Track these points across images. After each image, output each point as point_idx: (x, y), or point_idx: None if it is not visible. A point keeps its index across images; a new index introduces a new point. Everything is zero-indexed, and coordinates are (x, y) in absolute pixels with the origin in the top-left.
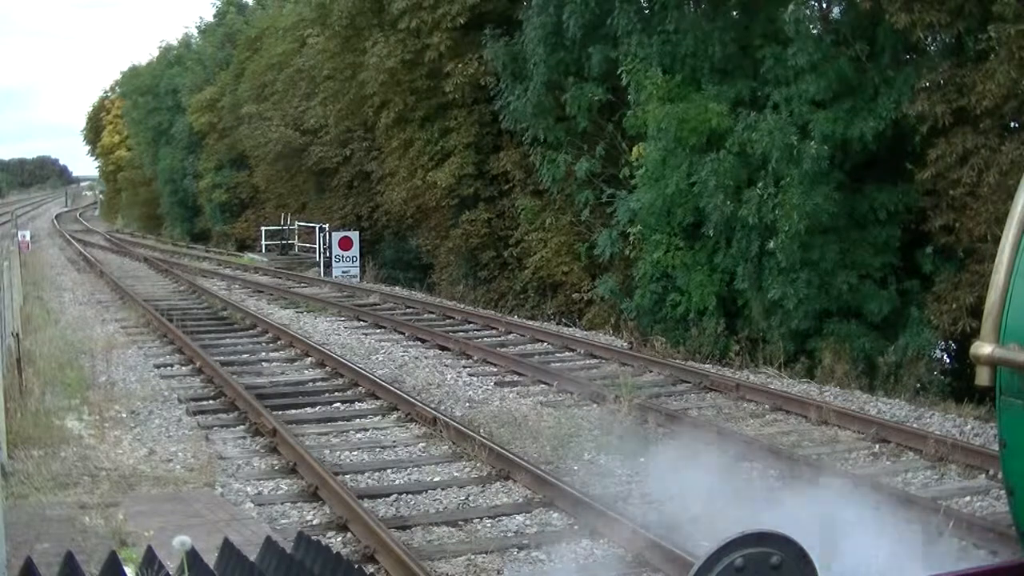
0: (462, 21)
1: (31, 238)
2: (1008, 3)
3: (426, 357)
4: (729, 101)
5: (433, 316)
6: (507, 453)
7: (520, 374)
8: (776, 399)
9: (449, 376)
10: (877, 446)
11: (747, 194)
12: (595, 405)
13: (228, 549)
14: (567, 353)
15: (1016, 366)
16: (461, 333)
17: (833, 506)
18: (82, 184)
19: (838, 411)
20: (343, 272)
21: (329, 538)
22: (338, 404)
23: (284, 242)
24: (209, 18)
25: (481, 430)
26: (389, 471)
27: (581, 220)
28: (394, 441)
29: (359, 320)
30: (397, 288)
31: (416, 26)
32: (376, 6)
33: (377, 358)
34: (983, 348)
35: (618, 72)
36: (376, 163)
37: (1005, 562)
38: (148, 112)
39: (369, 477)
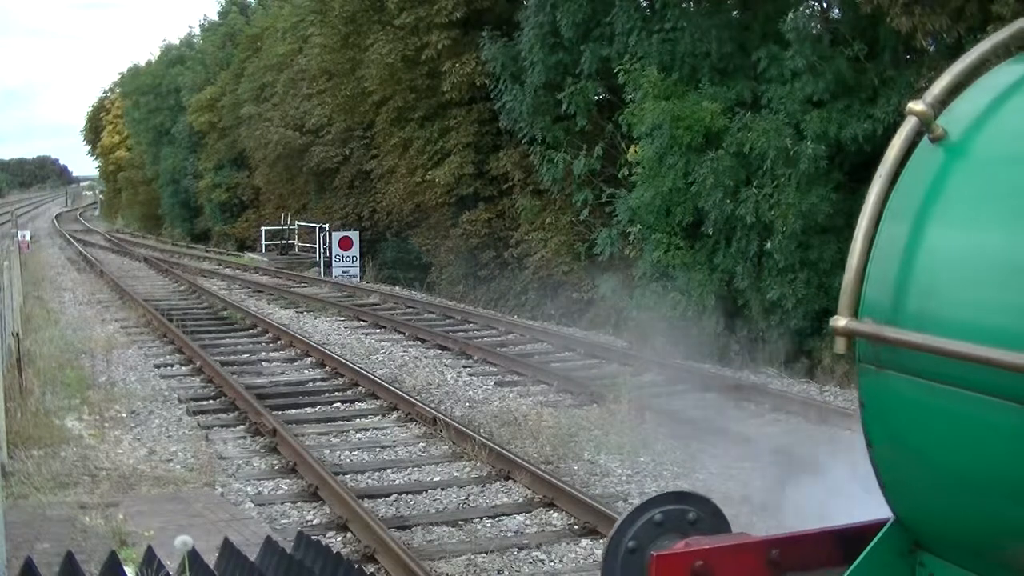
0: (459, 15)
1: (31, 238)
2: (1007, 3)
3: (426, 357)
4: (727, 100)
5: (433, 316)
6: (507, 453)
7: (520, 374)
8: (776, 399)
9: (449, 376)
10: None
11: (744, 193)
12: (595, 405)
13: (228, 549)
14: (567, 353)
15: (869, 337)
16: (461, 333)
17: None
18: (82, 184)
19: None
20: (343, 272)
21: (329, 538)
22: (338, 404)
23: (284, 242)
24: (213, 16)
25: (481, 430)
26: (389, 471)
27: (581, 220)
28: (394, 441)
29: (359, 320)
30: (397, 288)
31: (414, 22)
32: (376, 4)
33: (377, 358)
34: (840, 321)
35: (615, 71)
36: (376, 161)
37: (870, 520)
38: (149, 112)
39: (369, 477)
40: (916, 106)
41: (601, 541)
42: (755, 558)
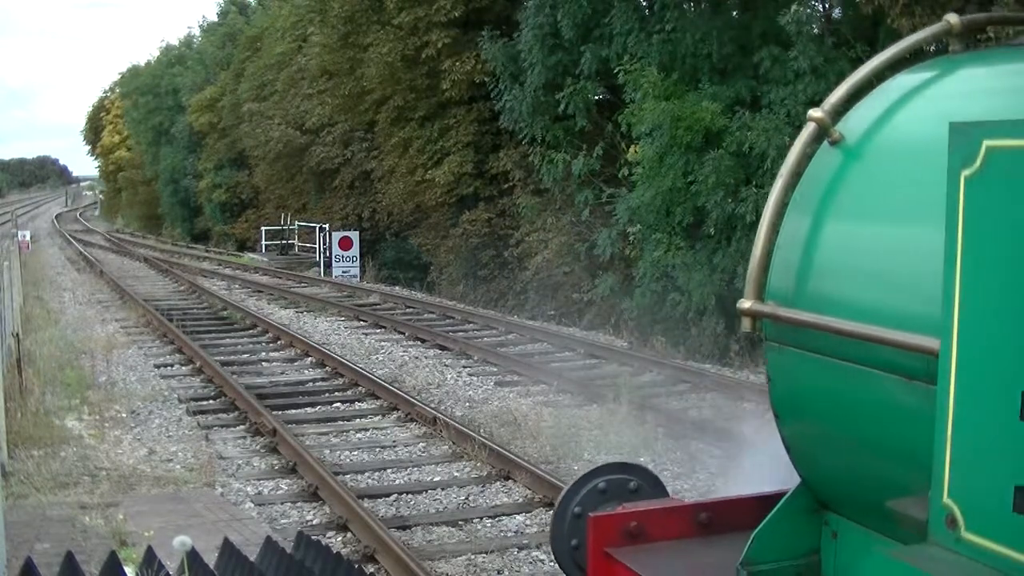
0: (456, 14)
1: (31, 238)
2: (1006, 3)
3: (426, 357)
4: (728, 101)
5: (433, 316)
6: (507, 453)
7: (520, 374)
8: None
9: (449, 376)
10: None
11: (745, 192)
12: (595, 405)
13: (228, 549)
14: (567, 353)
15: (771, 317)
16: (461, 333)
17: None
18: (82, 184)
19: None
20: (343, 272)
21: (329, 538)
22: (338, 404)
23: (284, 242)
24: (213, 17)
25: (481, 430)
26: (389, 471)
27: (581, 220)
28: (394, 441)
29: (359, 320)
30: (397, 288)
31: (413, 21)
32: (375, 3)
33: (377, 358)
34: (745, 303)
35: (615, 71)
36: (376, 162)
37: (775, 490)
38: (148, 112)
39: (369, 477)
40: (815, 113)
41: None
42: (685, 520)
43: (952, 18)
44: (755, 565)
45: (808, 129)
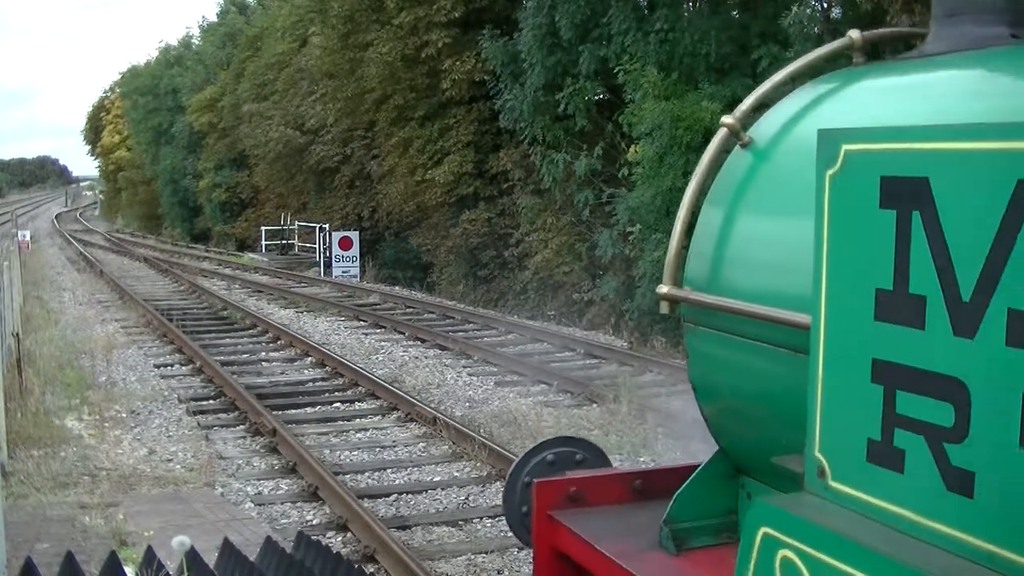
0: (456, 14)
1: (31, 238)
2: None
3: (426, 357)
4: (725, 100)
5: (433, 316)
6: (507, 453)
7: (520, 374)
8: None
9: (449, 376)
10: None
11: None
12: (595, 405)
13: (228, 549)
14: (567, 353)
15: (685, 300)
16: (461, 333)
17: None
18: (82, 184)
19: None
20: (343, 272)
21: (329, 538)
22: (338, 404)
23: (284, 242)
24: (212, 17)
25: (481, 430)
26: (389, 471)
27: (582, 220)
28: (394, 441)
29: (359, 320)
30: (397, 288)
31: (413, 21)
32: (375, 3)
33: (377, 358)
34: (663, 288)
35: (614, 71)
36: (376, 162)
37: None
38: (148, 112)
39: (369, 477)
40: (727, 119)
41: None
42: (621, 486)
43: (854, 34)
44: (676, 523)
45: (720, 133)
